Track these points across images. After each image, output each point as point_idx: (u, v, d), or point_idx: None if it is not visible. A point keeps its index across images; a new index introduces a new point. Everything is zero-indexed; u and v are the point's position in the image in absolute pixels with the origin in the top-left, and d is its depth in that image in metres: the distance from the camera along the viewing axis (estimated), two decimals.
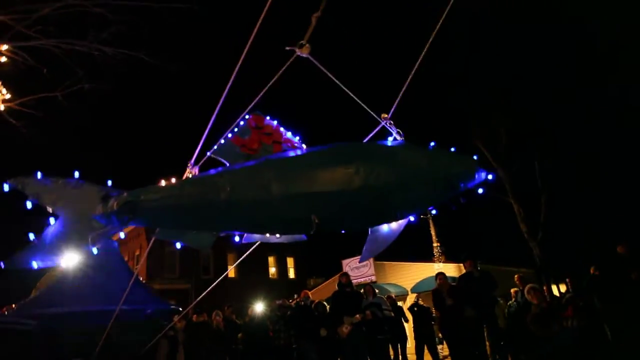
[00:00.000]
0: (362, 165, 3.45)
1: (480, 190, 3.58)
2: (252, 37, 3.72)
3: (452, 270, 16.49)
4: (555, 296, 7.52)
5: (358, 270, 18.62)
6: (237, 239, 4.10)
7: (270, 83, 3.95)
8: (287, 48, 3.87)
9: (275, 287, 23.43)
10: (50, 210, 3.65)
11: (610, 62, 17.96)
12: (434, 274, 8.01)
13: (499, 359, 6.42)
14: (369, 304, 7.90)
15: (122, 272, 4.56)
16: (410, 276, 17.57)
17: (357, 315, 7.66)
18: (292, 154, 3.92)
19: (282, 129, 4.25)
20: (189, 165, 3.87)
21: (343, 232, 4.11)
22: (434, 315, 8.48)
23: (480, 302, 6.76)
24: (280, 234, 4.17)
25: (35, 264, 3.47)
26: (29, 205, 3.59)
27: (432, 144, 3.68)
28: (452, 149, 3.67)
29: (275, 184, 3.57)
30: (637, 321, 5.70)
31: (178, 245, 3.94)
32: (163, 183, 3.78)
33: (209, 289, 4.87)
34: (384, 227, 3.95)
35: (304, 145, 4.16)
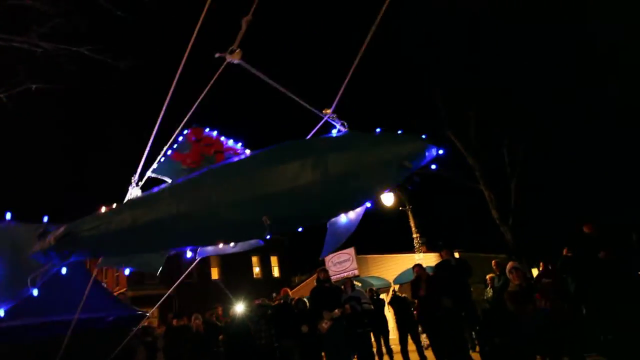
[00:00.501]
0: (308, 159, 3.43)
1: (433, 167, 3.60)
2: (189, 48, 3.68)
3: (433, 260, 16.68)
4: (529, 278, 7.67)
5: (340, 265, 18.65)
6: (189, 254, 3.99)
7: (203, 94, 3.89)
8: (217, 55, 3.70)
9: (260, 287, 23.33)
10: None
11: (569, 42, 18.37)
12: None
13: (478, 344, 6.50)
14: (348, 297, 7.90)
15: (83, 279, 4.38)
16: (393, 268, 17.71)
17: (336, 310, 7.66)
18: (235, 159, 3.87)
19: (223, 137, 4.19)
20: (130, 186, 3.80)
21: (301, 229, 4.08)
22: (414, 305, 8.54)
23: (457, 289, 6.83)
24: (234, 242, 4.10)
25: None
26: None
27: (378, 130, 3.67)
28: (399, 132, 3.65)
29: (219, 192, 3.52)
30: (609, 299, 5.85)
31: (127, 271, 3.81)
32: (103, 209, 3.64)
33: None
34: (342, 219, 3.92)
35: (247, 151, 4.10)
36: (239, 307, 9.43)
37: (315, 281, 7.75)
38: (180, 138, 4.02)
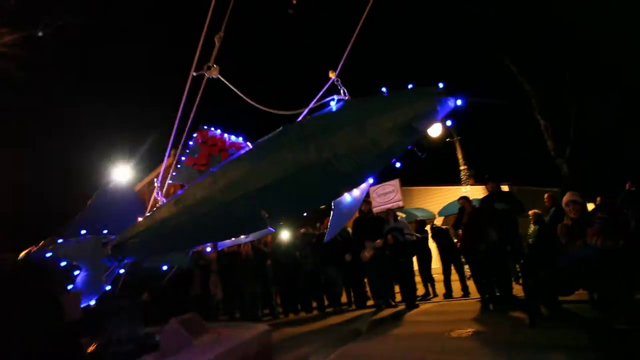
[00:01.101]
0: (303, 143, 3.27)
1: (448, 123, 3.17)
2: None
3: (480, 192, 16.28)
4: (586, 212, 7.27)
5: (385, 196, 18.70)
6: (208, 249, 4.56)
7: (194, 110, 4.26)
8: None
9: (304, 217, 24.06)
10: (74, 262, 4.45)
11: None
12: None
13: (521, 277, 6.41)
14: (390, 228, 7.96)
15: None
16: (437, 200, 17.56)
17: (378, 240, 7.78)
18: (234, 157, 3.97)
19: (225, 135, 4.26)
20: (154, 196, 4.44)
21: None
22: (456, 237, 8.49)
23: (503, 222, 6.65)
24: (242, 235, 4.57)
25: None
26: (63, 263, 4.35)
27: (384, 89, 3.23)
28: (410, 86, 3.17)
29: (219, 194, 3.77)
30: None
31: (165, 267, 4.52)
32: (140, 219, 4.38)
33: None
34: (347, 198, 3.80)
35: (248, 144, 4.13)
36: (285, 235, 9.84)
37: (358, 212, 7.82)
38: (191, 143, 4.19)
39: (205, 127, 4.26)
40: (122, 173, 6.43)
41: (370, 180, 3.62)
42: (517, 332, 4.83)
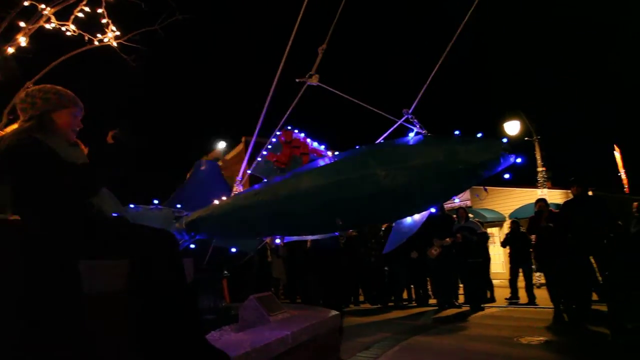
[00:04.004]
0: (381, 168, 3.53)
1: (506, 176, 3.39)
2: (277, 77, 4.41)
3: (558, 196, 15.28)
4: None
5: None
6: (277, 241, 4.80)
7: (290, 110, 4.48)
8: (298, 80, 4.33)
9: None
10: None
11: None
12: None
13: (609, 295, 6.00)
14: (460, 227, 7.80)
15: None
16: (509, 202, 16.72)
17: (447, 239, 7.67)
18: (317, 164, 4.25)
19: (308, 140, 4.56)
20: (235, 183, 4.67)
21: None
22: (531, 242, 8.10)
23: (586, 230, 6.25)
24: (312, 235, 4.71)
25: None
26: None
27: (457, 132, 3.50)
28: (479, 135, 3.44)
29: (304, 195, 4.00)
30: None
31: (233, 249, 4.76)
32: (216, 202, 4.60)
33: None
34: (408, 219, 4.07)
35: (329, 153, 4.40)
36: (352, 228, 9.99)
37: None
38: (274, 140, 4.50)
39: (290, 128, 4.60)
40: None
41: (432, 210, 4.00)
42: (594, 346, 4.59)
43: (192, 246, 4.75)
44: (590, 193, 11.42)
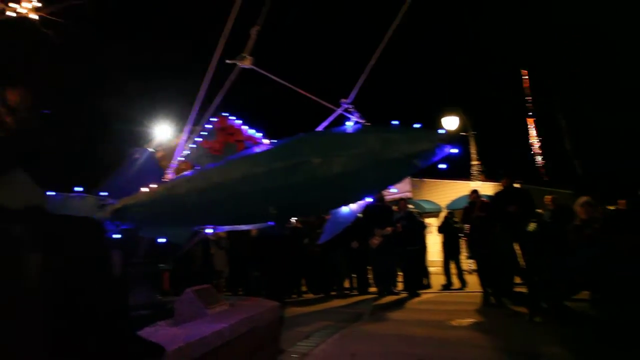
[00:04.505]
0: (316, 156, 3.55)
1: (442, 166, 3.57)
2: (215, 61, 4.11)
3: (490, 189, 16.28)
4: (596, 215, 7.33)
5: (397, 185, 18.75)
6: (209, 231, 4.58)
7: (222, 95, 4.25)
8: (228, 61, 4.13)
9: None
10: None
11: None
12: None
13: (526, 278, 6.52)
14: (401, 217, 8.09)
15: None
16: (446, 194, 17.57)
17: (388, 228, 7.92)
18: (253, 152, 4.15)
19: (244, 127, 4.45)
20: (166, 171, 4.43)
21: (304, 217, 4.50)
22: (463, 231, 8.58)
23: (512, 219, 6.73)
24: (245, 225, 4.83)
25: None
26: None
27: (396, 122, 3.63)
28: (416, 125, 3.59)
29: (237, 183, 3.91)
30: None
31: (161, 240, 4.51)
32: (144, 190, 4.38)
33: None
34: (344, 209, 4.14)
35: (265, 141, 4.35)
36: (294, 218, 9.99)
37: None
38: (208, 126, 4.34)
39: (226, 114, 4.44)
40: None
41: (369, 199, 4.04)
42: (516, 325, 4.98)
43: (117, 236, 4.47)
44: (517, 185, 12.26)
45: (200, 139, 4.43)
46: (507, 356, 3.80)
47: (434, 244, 10.71)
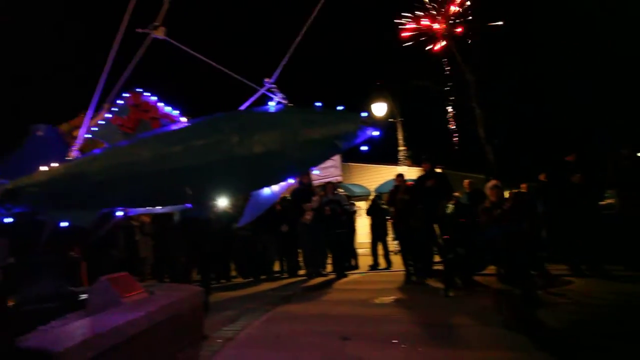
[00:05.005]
0: (235, 134, 3.45)
1: (364, 148, 3.68)
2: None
3: (416, 173, 17.10)
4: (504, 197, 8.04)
5: (325, 170, 18.92)
6: (119, 213, 4.33)
7: (131, 67, 3.95)
8: (139, 30, 3.83)
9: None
10: None
11: None
12: None
13: (442, 256, 6.99)
14: (329, 200, 8.22)
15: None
16: (375, 178, 18.20)
17: (315, 198, 8.01)
18: (167, 129, 3.93)
19: (160, 104, 4.18)
20: (69, 149, 4.07)
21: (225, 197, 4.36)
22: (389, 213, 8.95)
23: (433, 201, 7.14)
24: (160, 207, 4.39)
25: None
26: None
27: (318, 104, 3.65)
28: (339, 108, 3.64)
29: (147, 162, 3.70)
30: (573, 222, 6.27)
31: (64, 224, 4.10)
32: (42, 168, 3.96)
33: None
34: (266, 191, 4.12)
35: (183, 119, 4.12)
36: (223, 201, 9.76)
37: (298, 183, 7.96)
38: (121, 102, 4.02)
39: (140, 90, 4.15)
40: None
41: (291, 181, 3.98)
42: (433, 299, 5.33)
43: (8, 220, 4.06)
44: (438, 170, 13.00)
45: (111, 115, 4.10)
46: (422, 328, 4.06)
47: (363, 226, 11.07)
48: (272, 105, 3.82)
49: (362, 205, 16.67)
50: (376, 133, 3.66)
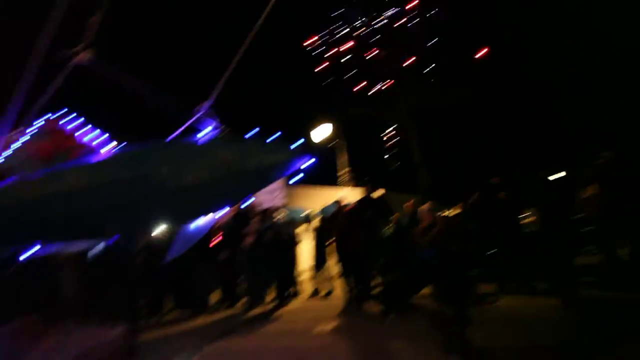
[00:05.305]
0: (166, 166, 3.38)
1: (300, 175, 3.75)
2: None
3: (360, 195, 17.39)
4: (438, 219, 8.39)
5: (270, 193, 18.81)
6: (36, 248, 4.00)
7: (50, 93, 3.79)
8: (62, 53, 3.70)
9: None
10: None
11: None
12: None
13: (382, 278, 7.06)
14: (269, 226, 8.07)
15: None
16: (320, 201, 18.25)
17: (254, 220, 7.84)
18: (88, 161, 3.75)
19: (82, 131, 4.05)
20: None
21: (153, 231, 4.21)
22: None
23: (373, 224, 7.24)
24: (77, 241, 4.17)
25: None
26: None
27: (254, 132, 3.67)
28: (276, 136, 3.68)
29: (72, 195, 3.47)
30: (501, 238, 6.64)
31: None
32: None
33: None
34: (198, 221, 4.02)
35: (107, 148, 4.00)
36: (159, 229, 9.25)
37: (236, 209, 7.78)
38: (36, 130, 3.81)
39: (58, 116, 3.87)
40: None
41: (224, 211, 3.89)
42: (372, 324, 5.32)
43: None
44: (379, 192, 13.29)
45: (23, 142, 3.78)
46: (362, 357, 4.02)
47: (305, 251, 10.99)
48: (207, 130, 3.70)
49: (305, 229, 16.61)
50: (310, 161, 3.67)
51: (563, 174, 7.83)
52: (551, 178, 7.14)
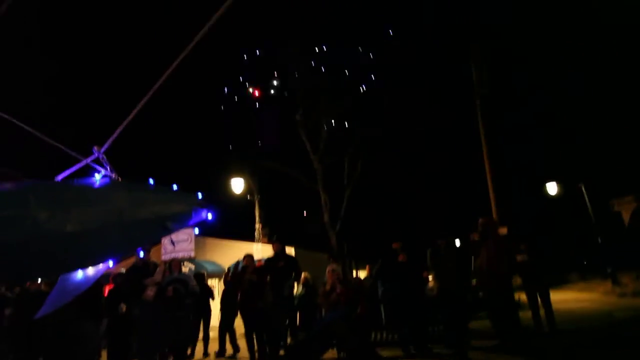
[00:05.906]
0: (44, 209, 3.20)
1: (196, 230, 3.72)
2: None
3: (271, 251, 17.21)
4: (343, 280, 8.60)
5: (178, 244, 17.76)
6: None
7: None
8: None
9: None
10: None
11: None
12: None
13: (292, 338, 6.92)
14: (173, 279, 7.57)
15: None
16: (231, 255, 17.65)
17: (158, 269, 7.30)
18: None
19: None
20: None
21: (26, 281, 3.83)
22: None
23: (280, 282, 7.16)
24: None
25: None
26: None
27: (150, 181, 3.63)
28: (173, 187, 3.66)
29: None
30: (401, 300, 6.94)
31: None
32: None
33: None
34: (78, 274, 3.76)
35: None
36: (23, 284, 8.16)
37: (135, 259, 7.23)
38: None
39: None
40: None
41: (110, 264, 3.57)
42: None
43: None
44: (292, 250, 13.32)
45: None
46: None
47: (215, 307, 10.40)
48: (97, 177, 3.41)
49: (215, 284, 15.85)
50: (210, 216, 3.53)
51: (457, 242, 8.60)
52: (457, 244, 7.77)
